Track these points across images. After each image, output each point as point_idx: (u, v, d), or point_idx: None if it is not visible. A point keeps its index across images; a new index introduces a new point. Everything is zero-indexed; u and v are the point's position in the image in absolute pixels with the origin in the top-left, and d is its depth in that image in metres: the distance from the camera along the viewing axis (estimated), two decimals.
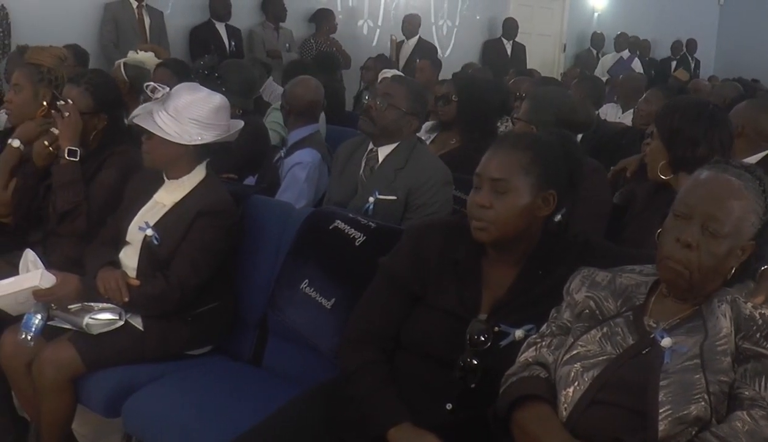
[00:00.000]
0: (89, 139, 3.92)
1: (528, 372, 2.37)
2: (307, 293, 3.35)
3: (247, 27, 10.37)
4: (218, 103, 3.48)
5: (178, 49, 9.46)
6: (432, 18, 12.78)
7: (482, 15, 13.48)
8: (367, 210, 3.94)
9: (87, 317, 3.35)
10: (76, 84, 3.93)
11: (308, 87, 5.06)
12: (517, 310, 2.60)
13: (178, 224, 3.44)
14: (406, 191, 3.95)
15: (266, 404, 2.96)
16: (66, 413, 3.43)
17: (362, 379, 2.66)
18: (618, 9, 15.54)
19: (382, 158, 4.10)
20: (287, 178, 4.67)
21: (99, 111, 3.91)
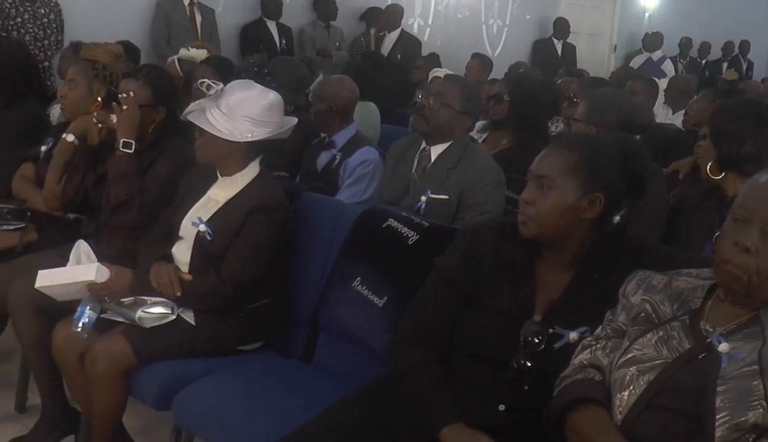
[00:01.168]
0: (147, 132, 3.96)
1: (583, 374, 2.35)
2: (359, 290, 3.35)
3: (298, 25, 10.40)
4: (272, 100, 3.49)
5: (229, 47, 9.51)
6: (482, 17, 12.75)
7: (533, 14, 13.43)
8: (419, 209, 3.94)
9: (140, 310, 3.38)
10: (135, 78, 3.97)
11: (350, 87, 5.07)
12: (571, 312, 2.59)
13: (232, 220, 3.45)
14: (459, 191, 3.94)
15: (317, 401, 2.96)
16: (117, 406, 3.46)
17: (415, 379, 2.66)
18: (669, 9, 15.40)
19: (435, 157, 4.10)
20: (354, 175, 4.71)
21: (157, 104, 3.94)
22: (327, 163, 4.93)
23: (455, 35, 12.21)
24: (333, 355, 3.58)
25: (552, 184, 2.60)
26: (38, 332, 3.74)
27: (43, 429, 3.92)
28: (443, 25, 12.11)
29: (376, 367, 3.23)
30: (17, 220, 4.29)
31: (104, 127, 4.07)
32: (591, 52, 14.29)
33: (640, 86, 6.86)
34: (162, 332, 3.39)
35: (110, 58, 4.38)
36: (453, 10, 12.23)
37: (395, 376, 2.72)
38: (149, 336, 3.37)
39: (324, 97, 4.98)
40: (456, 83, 4.24)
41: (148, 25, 9.16)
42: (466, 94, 4.14)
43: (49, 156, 4.30)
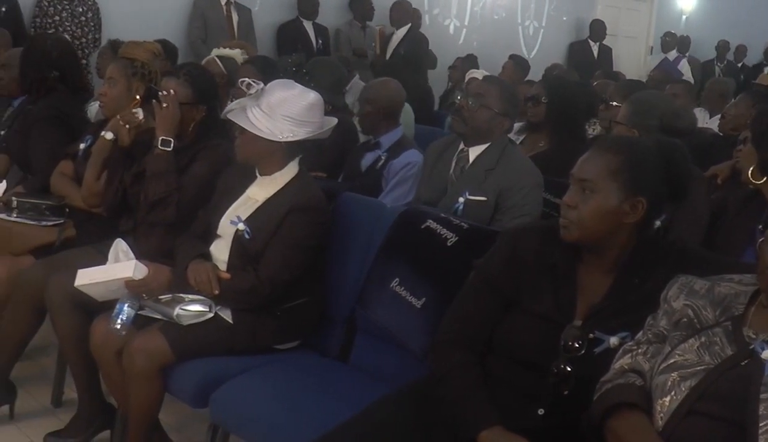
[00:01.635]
0: (187, 131, 3.96)
1: (623, 379, 2.33)
2: (397, 291, 3.35)
3: (334, 25, 10.44)
4: (312, 100, 3.49)
5: (266, 46, 9.55)
6: (519, 18, 12.72)
7: (569, 16, 13.37)
8: (457, 210, 3.93)
9: (177, 307, 3.40)
10: (175, 76, 3.98)
11: (396, 88, 5.07)
12: (612, 317, 2.57)
13: (270, 219, 3.46)
14: (497, 193, 3.92)
15: (353, 402, 2.97)
16: (154, 402, 3.47)
17: (454, 381, 2.65)
18: (707, 12, 15.26)
19: (473, 158, 4.08)
20: (398, 177, 4.73)
21: (198, 102, 3.95)
22: (371, 164, 4.95)
23: (491, 36, 12.19)
24: (370, 355, 3.57)
25: (594, 188, 2.59)
26: (76, 328, 3.76)
27: (79, 424, 3.94)
28: (479, 27, 12.10)
29: (413, 368, 3.22)
30: (56, 216, 4.33)
31: (132, 126, 4.08)
32: (627, 55, 14.21)
33: (680, 89, 6.80)
34: (199, 330, 3.40)
35: (149, 56, 4.40)
36: (489, 11, 12.21)
37: (434, 377, 2.72)
38: (186, 333, 3.38)
39: (371, 99, 5.00)
40: (495, 84, 4.22)
41: (184, 23, 9.21)
42: (505, 95, 4.12)
43: (88, 153, 4.33)
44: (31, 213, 4.29)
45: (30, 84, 4.82)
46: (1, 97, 5.40)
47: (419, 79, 7.92)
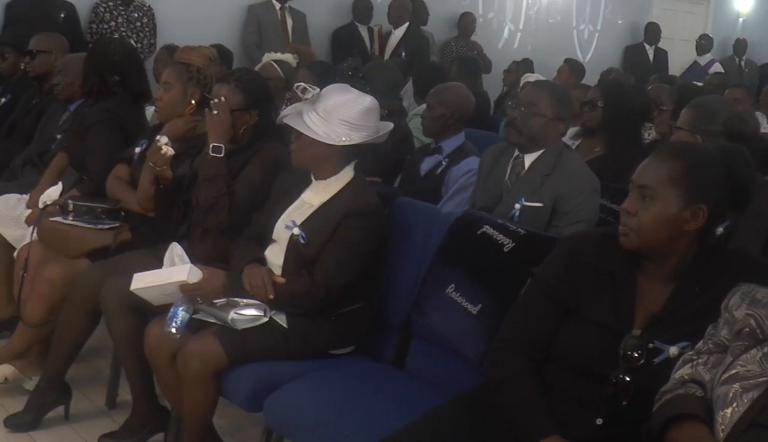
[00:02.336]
0: (239, 135, 3.96)
1: (684, 390, 2.30)
2: (452, 297, 3.33)
3: (389, 29, 10.40)
4: (368, 104, 3.48)
5: (320, 50, 9.54)
6: (574, 22, 12.65)
7: (624, 19, 13.26)
8: (513, 217, 3.90)
9: (232, 312, 3.39)
10: (226, 82, 3.97)
11: (466, 94, 5.05)
12: (672, 326, 2.54)
13: (325, 224, 3.45)
14: (553, 198, 3.89)
15: (409, 408, 2.96)
16: (208, 405, 3.48)
17: (512, 389, 2.63)
18: (764, 14, 15.00)
19: (529, 164, 4.05)
20: (458, 184, 4.71)
21: (250, 108, 3.93)
22: (431, 168, 4.93)
23: (546, 40, 12.13)
24: (425, 361, 3.55)
25: (654, 195, 2.55)
26: (131, 331, 3.78)
27: (133, 426, 3.96)
28: (534, 30, 12.05)
29: (469, 375, 3.21)
30: (111, 219, 4.34)
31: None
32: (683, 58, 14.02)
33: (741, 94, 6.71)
34: (254, 334, 3.39)
35: (204, 61, 4.41)
36: (544, 15, 12.15)
37: (491, 385, 2.70)
38: (241, 338, 3.38)
39: (444, 102, 4.98)
40: (545, 89, 4.16)
41: (239, 28, 9.27)
42: (556, 99, 4.07)
43: (143, 157, 4.35)
44: (87, 216, 4.32)
45: (90, 87, 4.86)
46: (59, 102, 5.45)
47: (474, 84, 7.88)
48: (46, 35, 5.89)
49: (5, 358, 4.35)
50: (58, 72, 5.38)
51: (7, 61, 6.25)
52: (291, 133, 3.53)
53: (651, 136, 5.81)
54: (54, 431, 4.12)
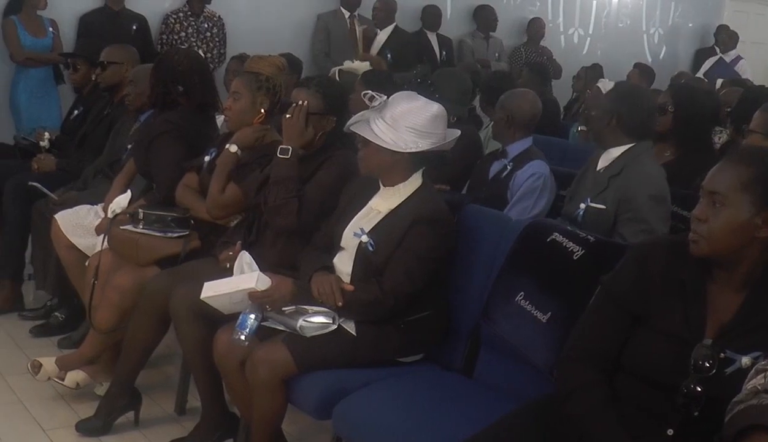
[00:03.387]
0: (315, 140, 3.97)
1: (757, 400, 2.23)
2: (522, 305, 3.30)
3: (458, 36, 10.43)
4: (435, 111, 3.47)
5: None
6: (643, 26, 12.51)
7: (694, 22, 13.08)
8: (577, 216, 3.86)
9: (301, 319, 3.40)
10: (306, 87, 4.00)
11: (532, 100, 5.02)
12: (744, 335, 2.48)
13: (393, 231, 3.45)
14: (616, 202, 3.85)
15: (478, 417, 2.93)
16: (277, 412, 3.50)
17: (582, 399, 2.60)
18: None
19: (601, 163, 4.03)
20: (523, 189, 4.67)
21: (328, 113, 3.95)
22: (497, 172, 4.90)
23: (616, 45, 12.02)
24: (494, 370, 3.53)
25: (724, 201, 2.49)
26: (200, 338, 3.81)
27: (202, 432, 4.00)
28: (604, 35, 11.95)
29: (539, 384, 3.18)
30: (181, 228, 4.38)
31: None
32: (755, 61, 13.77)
33: None
34: (323, 342, 3.40)
35: (274, 70, 4.42)
36: (614, 19, 12.05)
37: (561, 395, 2.67)
38: (310, 345, 3.38)
39: (505, 106, 4.96)
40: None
41: (308, 37, 9.31)
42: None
43: (212, 166, 4.39)
44: (156, 225, 4.36)
45: (156, 98, 4.91)
46: (129, 112, 5.52)
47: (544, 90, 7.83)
48: (117, 47, 5.96)
49: (76, 364, 4.40)
50: (129, 83, 5.44)
51: (78, 73, 6.34)
52: (359, 141, 3.53)
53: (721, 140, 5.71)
54: (124, 437, 4.16)
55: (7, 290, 5.67)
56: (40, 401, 4.45)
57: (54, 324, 5.36)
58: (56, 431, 4.17)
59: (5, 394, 4.53)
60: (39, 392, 4.49)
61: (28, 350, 5.00)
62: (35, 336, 5.29)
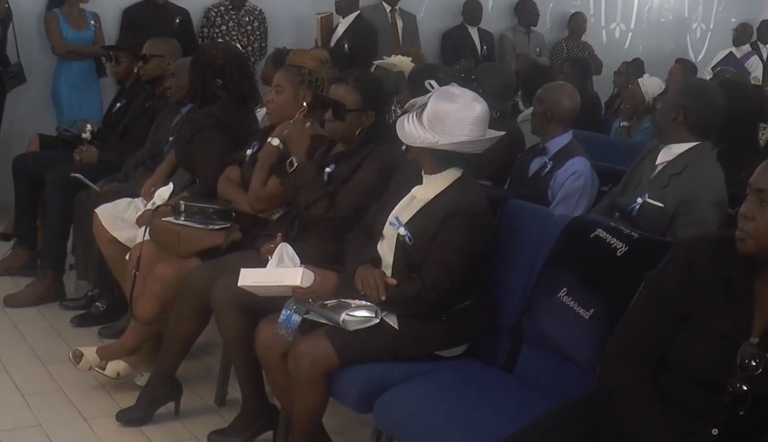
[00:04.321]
0: (355, 136, 3.98)
1: None
2: (564, 301, 3.27)
3: (499, 31, 10.40)
4: (477, 113, 3.42)
5: (430, 52, 9.50)
6: (686, 21, 12.38)
7: (737, 18, 12.92)
8: (632, 211, 3.83)
9: (344, 313, 3.39)
10: (344, 82, 3.99)
11: (570, 93, 4.98)
12: None
13: (429, 223, 3.43)
14: (676, 203, 3.81)
15: (520, 413, 2.92)
16: (318, 405, 3.50)
17: (626, 397, 2.57)
18: None
19: (661, 159, 4.03)
20: (564, 190, 4.64)
21: (366, 108, 3.94)
22: (537, 170, 4.87)
23: (658, 40, 11.92)
24: (536, 366, 3.51)
25: None
26: (241, 330, 3.82)
27: (242, 423, 4.01)
28: (645, 30, 11.85)
29: (581, 381, 3.17)
30: (222, 220, 4.40)
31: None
32: None
33: None
34: (365, 335, 3.39)
35: (316, 63, 4.43)
36: (656, 14, 11.95)
37: (604, 392, 2.65)
38: (352, 339, 3.38)
39: (543, 101, 4.93)
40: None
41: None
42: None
43: (254, 159, 4.41)
44: (198, 217, 4.38)
45: (195, 92, 4.93)
46: (171, 105, 5.55)
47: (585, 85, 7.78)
48: (159, 40, 6.00)
49: (118, 354, 4.44)
50: (171, 76, 5.48)
51: (121, 66, 6.39)
52: None
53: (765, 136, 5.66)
54: (164, 427, 4.20)
55: (48, 279, 5.72)
56: (81, 390, 4.49)
57: (95, 314, 5.41)
58: (97, 420, 4.21)
59: (47, 382, 4.58)
60: (80, 381, 4.53)
61: (69, 340, 5.06)
62: (76, 326, 5.35)
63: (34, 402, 4.35)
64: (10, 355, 4.88)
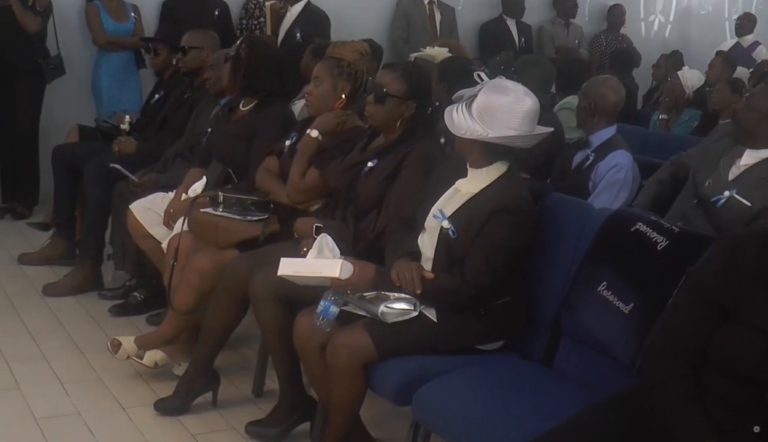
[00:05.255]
0: (395, 126, 3.97)
1: None
2: (604, 295, 3.25)
3: (537, 23, 10.37)
4: (527, 107, 3.39)
5: (468, 45, 9.46)
6: (726, 13, 12.26)
7: None
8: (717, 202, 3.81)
9: (382, 305, 3.39)
10: (392, 69, 4.01)
11: (614, 87, 4.95)
12: None
13: (474, 218, 3.41)
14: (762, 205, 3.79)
15: (558, 408, 2.91)
16: (356, 398, 3.50)
17: (666, 392, 2.55)
18: None
19: (746, 160, 4.04)
20: (604, 181, 4.63)
21: (409, 98, 3.92)
22: (579, 162, 4.85)
23: (697, 32, 11.82)
24: (574, 360, 3.49)
25: None
26: (279, 321, 3.83)
27: (280, 414, 4.02)
28: (685, 22, 11.73)
29: (620, 376, 3.15)
30: (261, 211, 4.42)
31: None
32: None
33: None
34: (403, 328, 3.39)
35: (355, 56, 4.42)
36: (696, 6, 11.83)
37: (645, 387, 2.62)
38: (391, 331, 3.38)
39: (588, 95, 4.91)
40: None
41: (387, 23, 9.29)
42: None
43: (293, 150, 4.41)
44: (236, 208, 4.40)
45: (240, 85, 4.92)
46: (210, 96, 5.56)
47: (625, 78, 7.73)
48: (198, 32, 6.02)
49: (156, 343, 4.46)
50: (210, 67, 5.49)
51: (160, 57, 6.41)
52: None
53: None
54: (202, 417, 4.21)
55: (87, 269, 5.77)
56: (119, 379, 4.52)
57: (132, 304, 5.45)
58: (135, 409, 4.24)
59: (85, 371, 4.62)
60: (118, 370, 4.57)
61: (107, 329, 5.10)
62: (114, 315, 5.39)
63: (73, 390, 4.38)
64: (50, 343, 4.93)
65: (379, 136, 4.08)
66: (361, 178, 3.99)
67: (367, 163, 3.99)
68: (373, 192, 3.93)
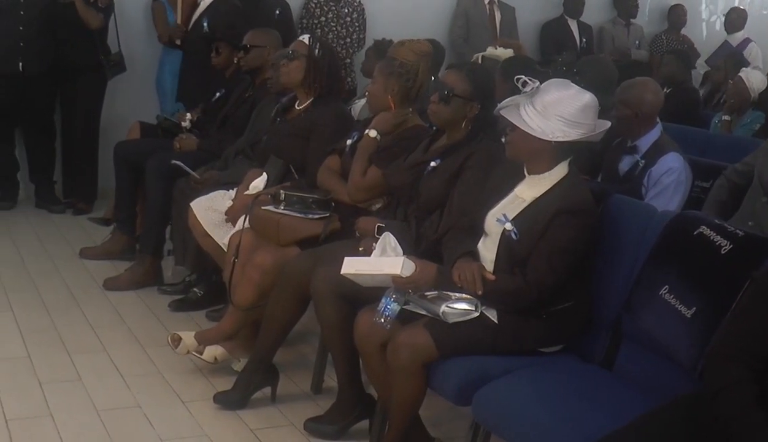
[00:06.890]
0: (459, 126, 3.97)
1: None
2: (666, 299, 3.22)
3: (598, 23, 10.30)
4: (587, 102, 3.40)
5: (529, 45, 9.44)
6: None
7: None
8: None
9: (444, 305, 3.39)
10: (458, 70, 4.03)
11: (652, 88, 4.91)
12: None
13: (537, 220, 3.40)
14: None
15: (619, 412, 2.90)
16: (416, 397, 3.51)
17: (730, 398, 2.52)
18: None
19: None
20: (657, 187, 4.60)
21: (473, 98, 3.93)
22: (629, 169, 4.82)
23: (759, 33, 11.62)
24: (635, 364, 3.46)
25: None
26: (339, 318, 3.85)
27: (338, 411, 4.04)
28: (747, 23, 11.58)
29: (681, 381, 3.13)
30: (322, 210, 4.45)
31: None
32: None
33: None
34: (464, 328, 3.39)
35: (411, 56, 4.42)
36: (758, 7, 11.62)
37: (709, 393, 2.59)
38: (451, 331, 3.38)
39: (629, 102, 4.86)
40: None
41: (447, 22, 9.28)
42: None
43: (354, 149, 4.44)
44: (298, 206, 4.43)
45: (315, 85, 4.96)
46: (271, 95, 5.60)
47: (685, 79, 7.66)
48: (260, 31, 6.06)
49: (215, 339, 4.51)
50: (271, 66, 5.52)
51: (221, 56, 6.45)
52: (507, 126, 3.50)
53: None
54: (261, 412, 4.25)
55: (147, 264, 5.85)
56: (178, 373, 4.58)
57: (192, 299, 5.52)
58: (194, 403, 4.29)
59: (145, 365, 4.69)
60: (178, 364, 4.63)
61: (167, 324, 5.16)
62: (173, 310, 5.46)
63: (134, 384, 4.45)
64: (111, 337, 5.01)
65: (443, 136, 4.08)
66: (424, 177, 3.99)
67: (430, 163, 3.99)
68: (435, 192, 3.93)
